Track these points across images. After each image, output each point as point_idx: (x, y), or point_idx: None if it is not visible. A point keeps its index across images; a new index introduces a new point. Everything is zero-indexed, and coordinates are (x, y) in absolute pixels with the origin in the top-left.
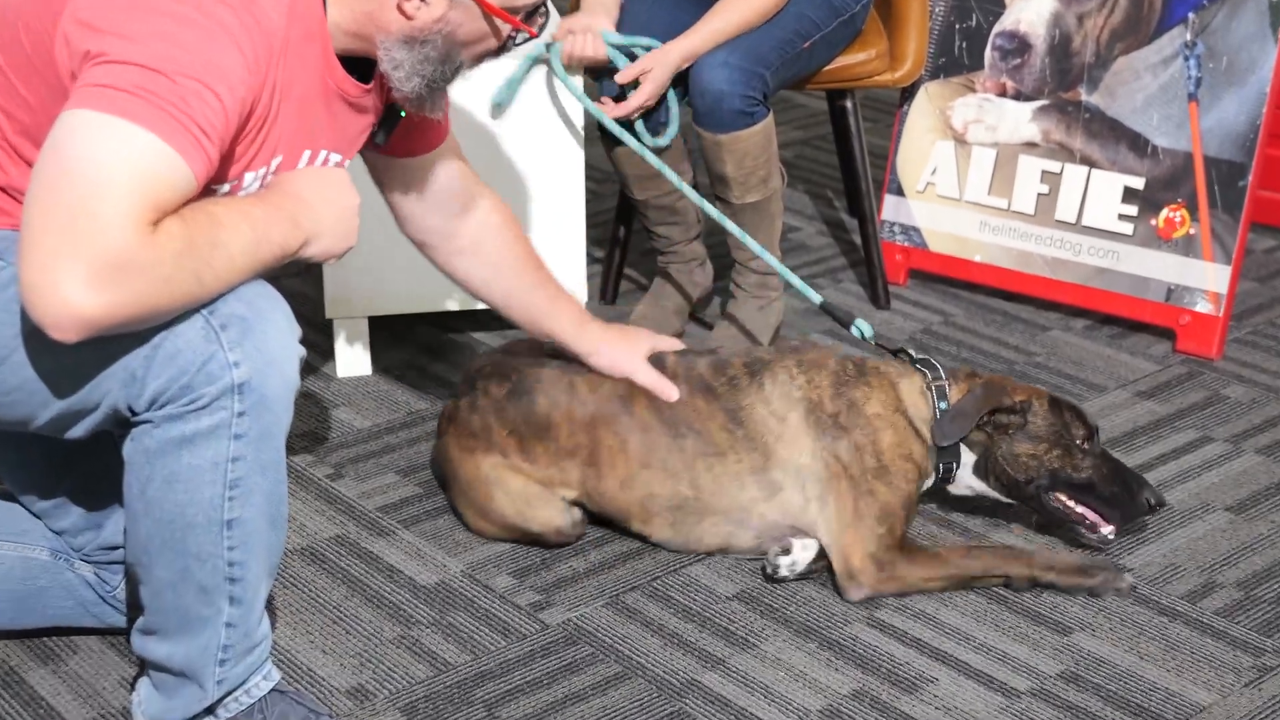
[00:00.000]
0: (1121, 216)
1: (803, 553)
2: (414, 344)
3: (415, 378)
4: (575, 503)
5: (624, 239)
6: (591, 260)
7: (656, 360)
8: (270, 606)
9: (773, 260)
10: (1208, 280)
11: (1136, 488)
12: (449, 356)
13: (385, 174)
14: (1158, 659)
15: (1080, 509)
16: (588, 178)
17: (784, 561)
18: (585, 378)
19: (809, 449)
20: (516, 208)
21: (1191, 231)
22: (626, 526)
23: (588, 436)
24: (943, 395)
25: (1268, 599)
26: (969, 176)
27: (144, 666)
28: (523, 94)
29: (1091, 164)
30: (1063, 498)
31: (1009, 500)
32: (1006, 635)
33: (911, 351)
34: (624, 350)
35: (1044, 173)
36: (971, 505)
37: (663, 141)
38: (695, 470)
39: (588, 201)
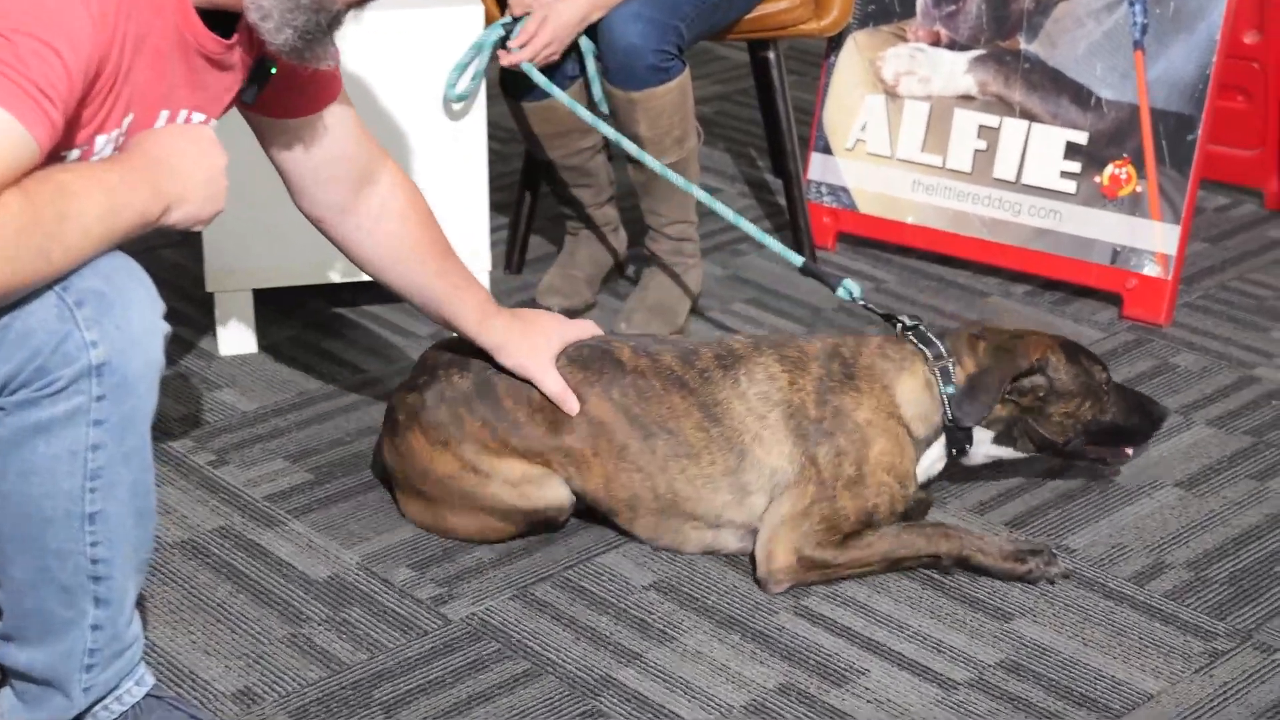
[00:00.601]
0: (1064, 174)
1: None
2: (302, 319)
3: (304, 355)
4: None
5: (531, 203)
6: (495, 226)
7: (611, 356)
8: (143, 606)
9: (745, 224)
10: (1155, 241)
11: (1150, 408)
12: (340, 332)
13: (270, 138)
14: (1103, 645)
15: (1105, 448)
16: (491, 137)
17: None
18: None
19: (786, 452)
20: (413, 170)
21: (1138, 189)
22: (614, 522)
23: (552, 431)
24: (948, 377)
25: (1219, 579)
26: (901, 132)
27: (5, 675)
28: (420, 50)
29: (1031, 118)
30: (1085, 444)
31: (1032, 456)
32: (943, 623)
33: (905, 319)
34: (532, 350)
35: (981, 128)
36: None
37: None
38: (669, 472)
39: (491, 163)
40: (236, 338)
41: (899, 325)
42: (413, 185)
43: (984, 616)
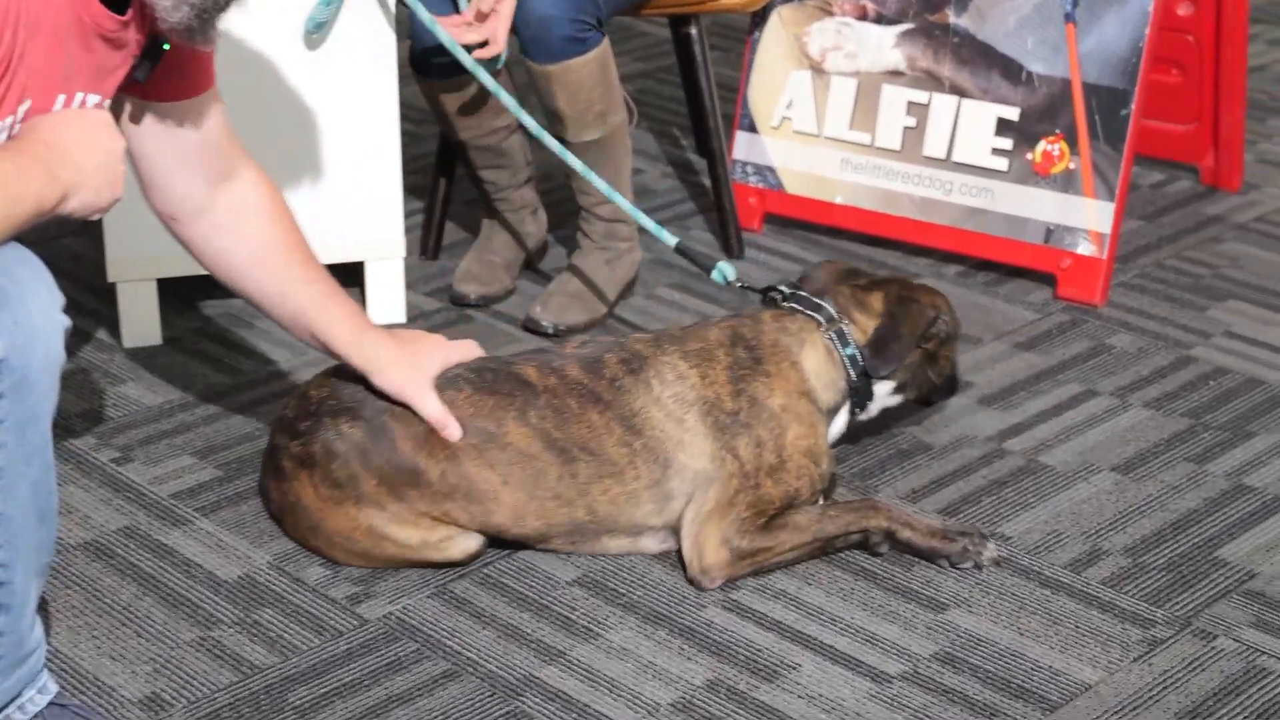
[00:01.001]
0: (995, 151)
1: None
2: (209, 309)
3: (211, 347)
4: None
5: (446, 186)
6: (410, 211)
7: (517, 378)
8: (46, 611)
9: (618, 198)
10: (1090, 219)
11: (955, 370)
12: (248, 322)
13: (139, 121)
14: (1040, 635)
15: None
16: (404, 119)
17: None
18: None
19: (708, 451)
20: (322, 155)
21: (1071, 166)
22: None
23: (458, 472)
24: (845, 339)
25: (1157, 566)
26: (828, 110)
27: None
28: (329, 32)
29: (962, 93)
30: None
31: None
32: (875, 614)
33: (782, 289)
34: (411, 370)
35: (910, 104)
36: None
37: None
38: (590, 495)
39: (404, 145)
40: (140, 329)
41: (779, 297)
42: (274, 189)
43: (918, 607)
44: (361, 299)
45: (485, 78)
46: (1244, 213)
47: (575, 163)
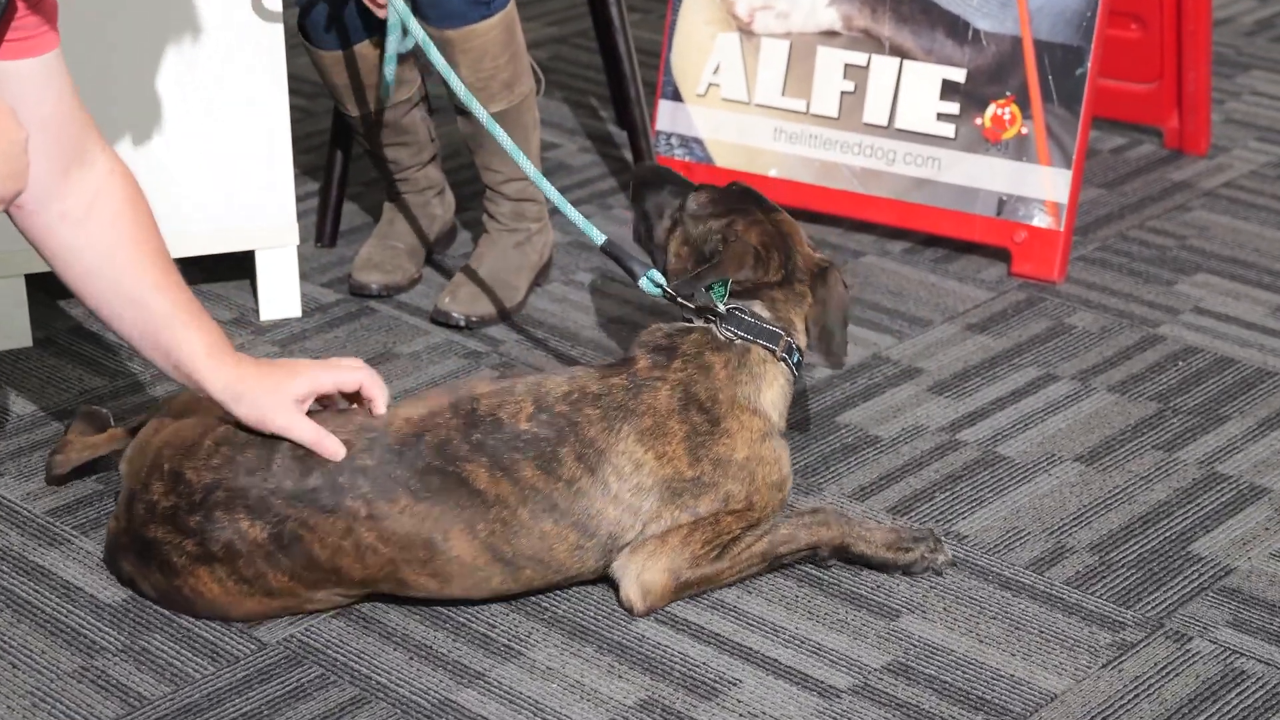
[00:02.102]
0: (941, 116)
1: None
2: (85, 308)
3: (87, 349)
4: None
5: (343, 166)
6: (303, 194)
7: (465, 484)
8: None
9: (542, 181)
10: (1045, 188)
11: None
12: None
13: None
14: (1000, 641)
15: None
16: (294, 92)
17: None
18: (363, 522)
19: (656, 516)
20: (202, 131)
21: (1024, 131)
22: None
23: (390, 574)
24: (793, 352)
25: (1126, 563)
26: (759, 75)
27: None
28: None
29: (903, 54)
30: None
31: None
32: (822, 624)
33: (720, 309)
34: (273, 396)
35: (847, 67)
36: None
37: (405, 46)
38: (531, 588)
39: (295, 121)
40: (9, 330)
41: (717, 322)
42: (134, 180)
43: (867, 615)
44: (252, 292)
45: (435, 57)
46: (1212, 178)
47: (499, 133)
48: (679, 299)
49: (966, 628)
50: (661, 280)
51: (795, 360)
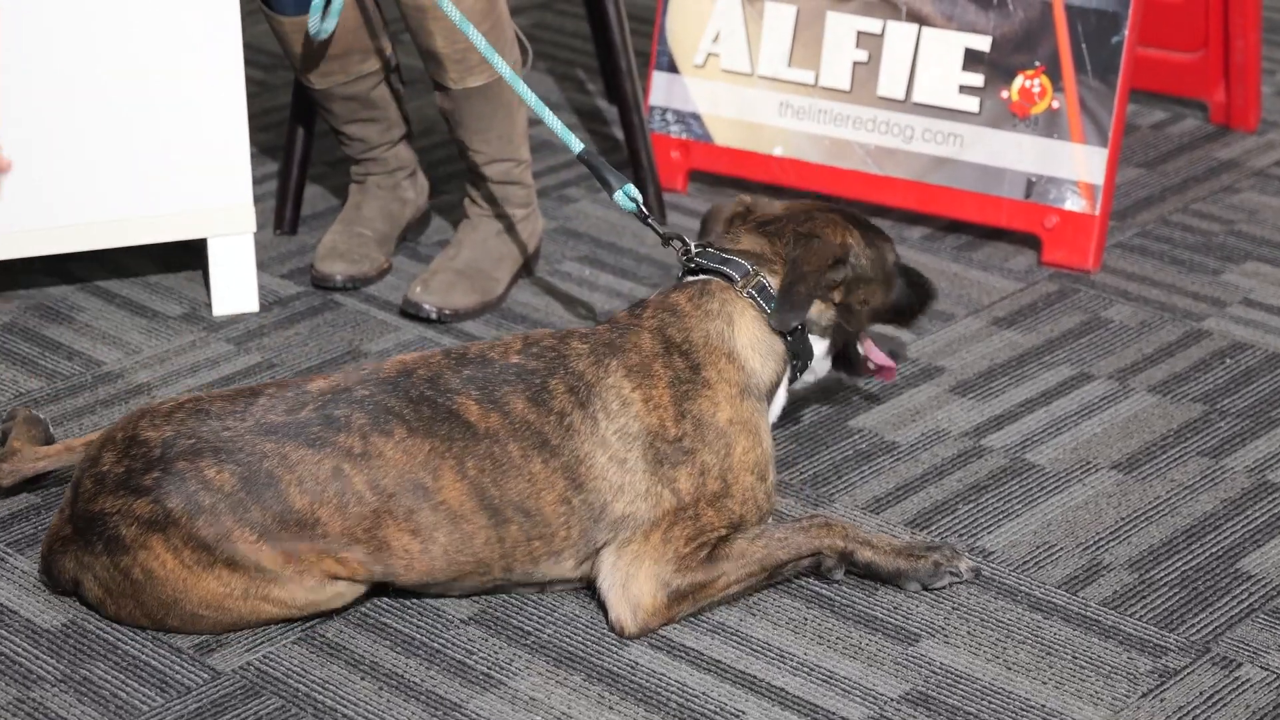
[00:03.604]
0: (963, 89)
1: None
2: (21, 300)
3: (23, 346)
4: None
5: (304, 145)
6: (261, 176)
7: (456, 416)
8: None
9: (523, 88)
10: (1078, 168)
11: (922, 287)
12: (69, 315)
13: None
14: (1030, 668)
15: (869, 350)
16: (250, 64)
17: None
18: (354, 460)
19: (644, 491)
20: (150, 106)
21: (1054, 105)
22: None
23: (371, 532)
24: (768, 295)
25: (1168, 581)
26: (762, 44)
27: None
28: None
29: (922, 20)
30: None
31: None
32: (834, 649)
33: (689, 243)
34: None
35: (860, 35)
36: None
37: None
38: (513, 557)
39: (253, 96)
40: None
41: (684, 255)
42: None
43: (883, 639)
44: (204, 284)
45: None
46: (1262, 156)
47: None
48: (649, 220)
49: (992, 653)
50: (637, 195)
51: (767, 305)
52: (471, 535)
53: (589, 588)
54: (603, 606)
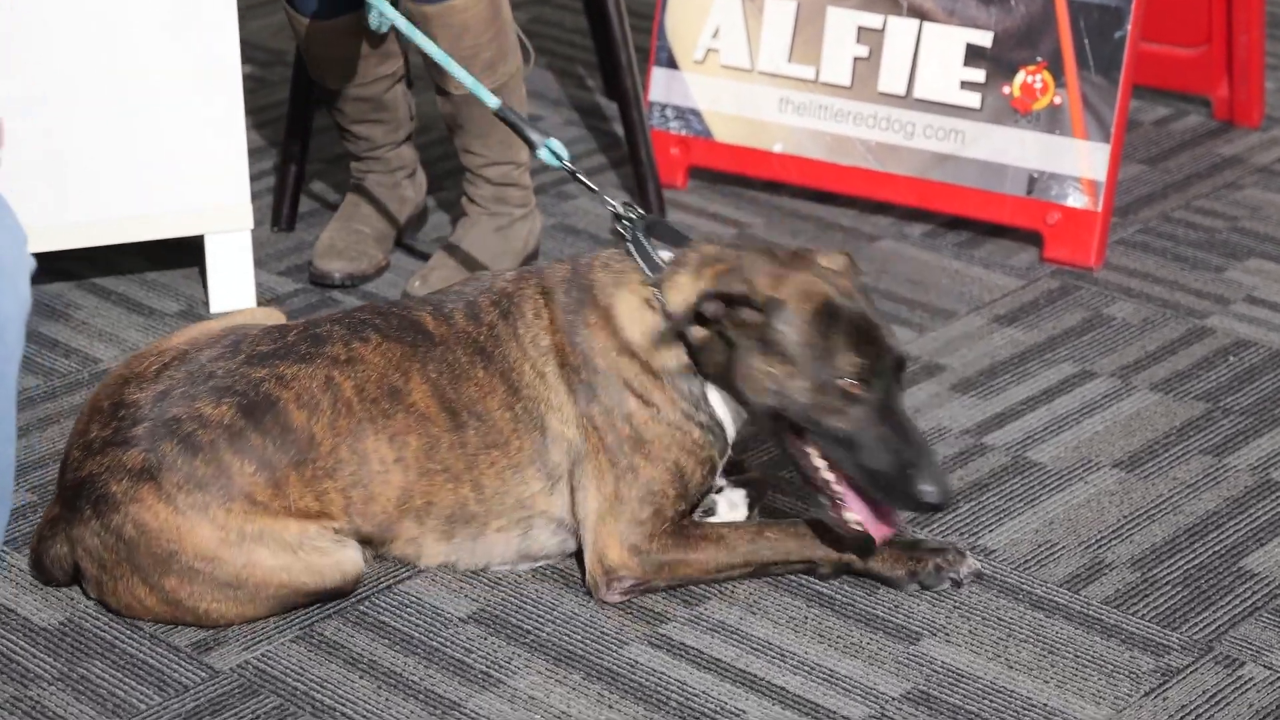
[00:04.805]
0: (965, 84)
1: (731, 512)
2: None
3: None
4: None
5: (302, 142)
6: (258, 173)
7: (416, 325)
8: None
9: (460, 72)
10: (1081, 164)
11: (910, 468)
12: (64, 313)
13: None
14: (1032, 667)
15: (828, 474)
16: (248, 60)
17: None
18: (342, 367)
19: (574, 417)
20: (146, 102)
21: (1057, 100)
22: (384, 552)
23: (354, 446)
24: (661, 301)
25: (1171, 580)
26: (762, 39)
27: None
28: None
29: (923, 15)
30: (807, 449)
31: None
32: (834, 648)
33: (619, 206)
34: None
35: (861, 30)
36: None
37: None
38: (478, 468)
39: (250, 91)
40: None
41: (615, 217)
42: None
43: (884, 638)
44: (201, 281)
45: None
46: (1266, 152)
47: (429, 44)
48: (578, 175)
49: (994, 652)
50: (561, 149)
51: (665, 307)
52: (438, 439)
53: (588, 591)
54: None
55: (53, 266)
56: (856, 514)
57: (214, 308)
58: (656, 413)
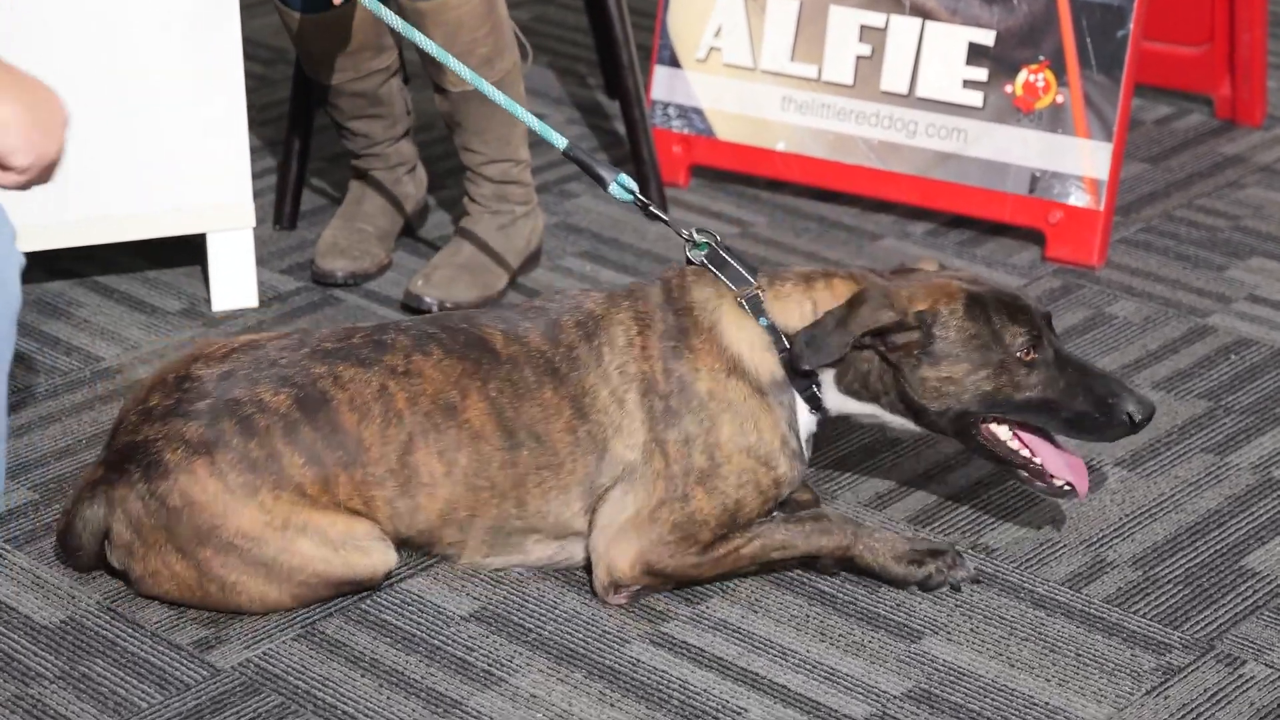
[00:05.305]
0: (968, 83)
1: None
2: (22, 295)
3: (23, 342)
4: None
5: (304, 139)
6: (260, 171)
7: (484, 344)
8: None
9: (519, 110)
10: (1083, 163)
11: (1111, 397)
12: (66, 311)
13: None
14: (1033, 666)
15: (1020, 448)
16: (250, 58)
17: None
18: (398, 378)
19: (641, 442)
20: (149, 101)
21: (1059, 99)
22: (427, 551)
23: (403, 458)
24: (758, 308)
25: (1172, 578)
26: (765, 37)
27: None
28: None
29: (925, 14)
30: (995, 430)
31: (919, 428)
32: (836, 646)
33: (694, 234)
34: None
35: (864, 29)
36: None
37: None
38: (525, 487)
39: (252, 90)
40: None
41: (690, 242)
42: None
43: (886, 636)
44: (203, 280)
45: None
46: (1268, 151)
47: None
48: (651, 207)
49: (996, 650)
50: (632, 185)
51: (760, 319)
52: (489, 457)
53: (590, 584)
54: (589, 574)
55: (55, 265)
56: (1060, 475)
57: (216, 306)
58: (754, 441)
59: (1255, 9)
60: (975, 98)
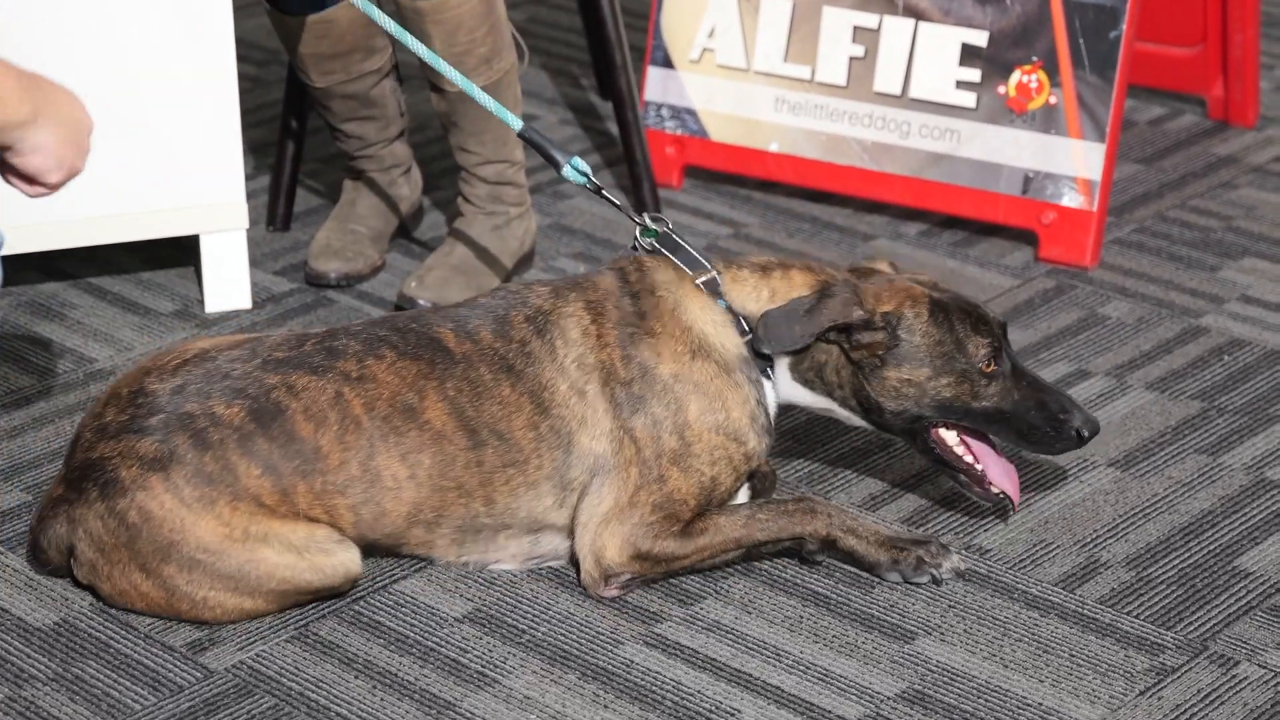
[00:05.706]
0: (960, 84)
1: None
2: (11, 297)
3: (13, 343)
4: None
5: (297, 141)
6: (253, 172)
7: (436, 343)
8: None
9: (470, 86)
10: (1076, 164)
11: (1062, 413)
12: (59, 313)
13: None
14: (1027, 666)
15: (965, 453)
16: (243, 59)
17: None
18: (353, 384)
19: (608, 431)
20: (142, 102)
21: (1052, 100)
22: (396, 554)
23: (364, 464)
24: (715, 290)
25: (1166, 579)
26: (758, 38)
27: None
28: None
29: (918, 15)
30: (943, 434)
31: (868, 424)
32: (829, 647)
33: (648, 219)
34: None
35: (857, 29)
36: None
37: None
38: (493, 485)
39: (245, 92)
40: None
41: (641, 229)
42: None
43: (879, 637)
44: (196, 281)
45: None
46: (1260, 152)
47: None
48: (603, 192)
49: (989, 651)
50: (586, 168)
51: (719, 301)
52: (453, 457)
53: (583, 589)
54: (578, 571)
55: (48, 266)
56: (998, 483)
57: (209, 307)
58: (722, 419)
59: (1247, 10)
60: (968, 98)
